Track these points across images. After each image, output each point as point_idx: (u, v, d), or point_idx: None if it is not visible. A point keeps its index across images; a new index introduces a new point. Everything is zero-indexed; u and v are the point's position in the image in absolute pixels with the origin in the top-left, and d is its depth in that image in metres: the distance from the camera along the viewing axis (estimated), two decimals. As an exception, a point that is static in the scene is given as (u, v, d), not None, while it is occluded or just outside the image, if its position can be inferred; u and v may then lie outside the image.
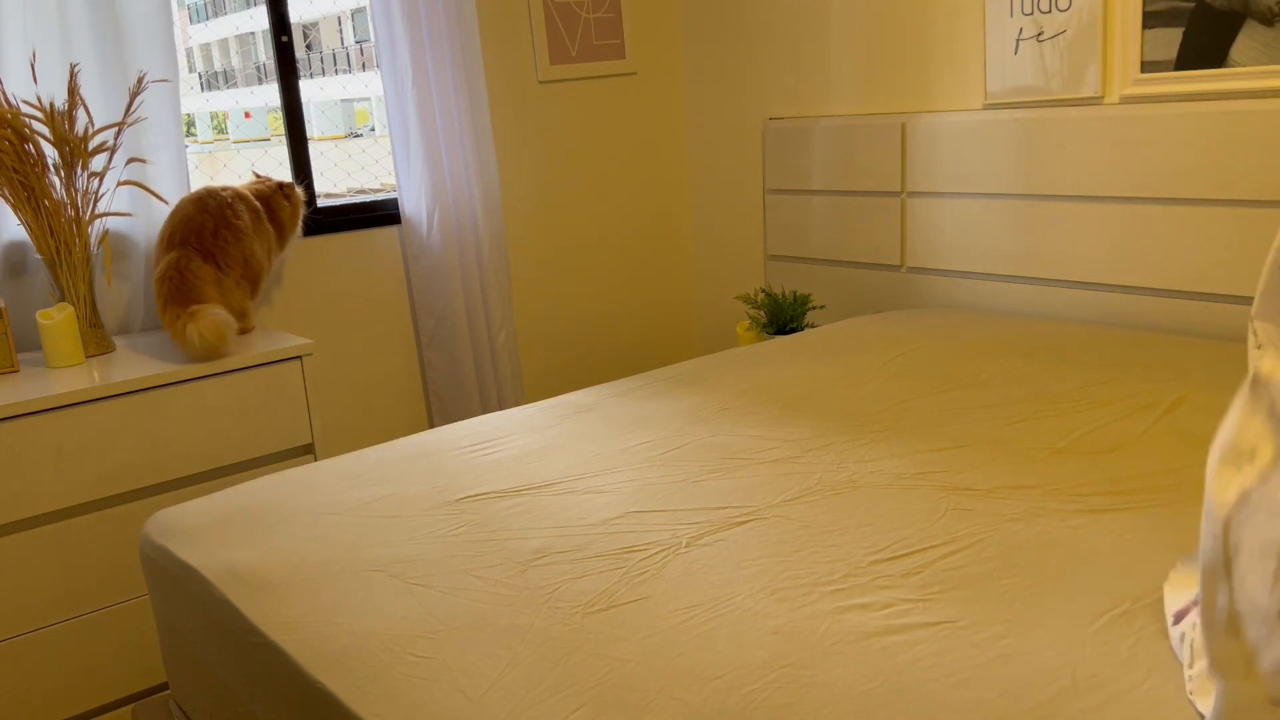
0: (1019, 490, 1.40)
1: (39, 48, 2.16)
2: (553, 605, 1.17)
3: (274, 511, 1.52)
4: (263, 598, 1.26)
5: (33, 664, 1.92)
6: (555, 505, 1.46)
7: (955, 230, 2.60)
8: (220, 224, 2.25)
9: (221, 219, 2.26)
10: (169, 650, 1.54)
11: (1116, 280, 2.31)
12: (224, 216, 2.26)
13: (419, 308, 2.79)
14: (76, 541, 1.94)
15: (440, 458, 1.70)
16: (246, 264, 2.30)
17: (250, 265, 2.32)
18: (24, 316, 2.24)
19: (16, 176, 2.04)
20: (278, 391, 2.15)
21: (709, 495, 1.45)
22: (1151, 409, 1.67)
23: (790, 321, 2.78)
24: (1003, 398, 1.80)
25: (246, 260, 2.30)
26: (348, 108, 3.26)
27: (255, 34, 3.03)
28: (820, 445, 1.63)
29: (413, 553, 1.34)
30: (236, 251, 2.27)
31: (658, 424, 1.79)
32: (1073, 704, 0.92)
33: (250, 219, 2.33)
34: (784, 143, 2.98)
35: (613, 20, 3.12)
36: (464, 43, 2.70)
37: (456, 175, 2.72)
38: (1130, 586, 1.11)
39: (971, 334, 2.25)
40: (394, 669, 1.07)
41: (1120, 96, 2.26)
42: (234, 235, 2.27)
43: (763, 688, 0.98)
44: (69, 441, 1.90)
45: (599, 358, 3.29)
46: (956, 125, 2.54)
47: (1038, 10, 2.35)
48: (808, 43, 2.90)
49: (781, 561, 1.23)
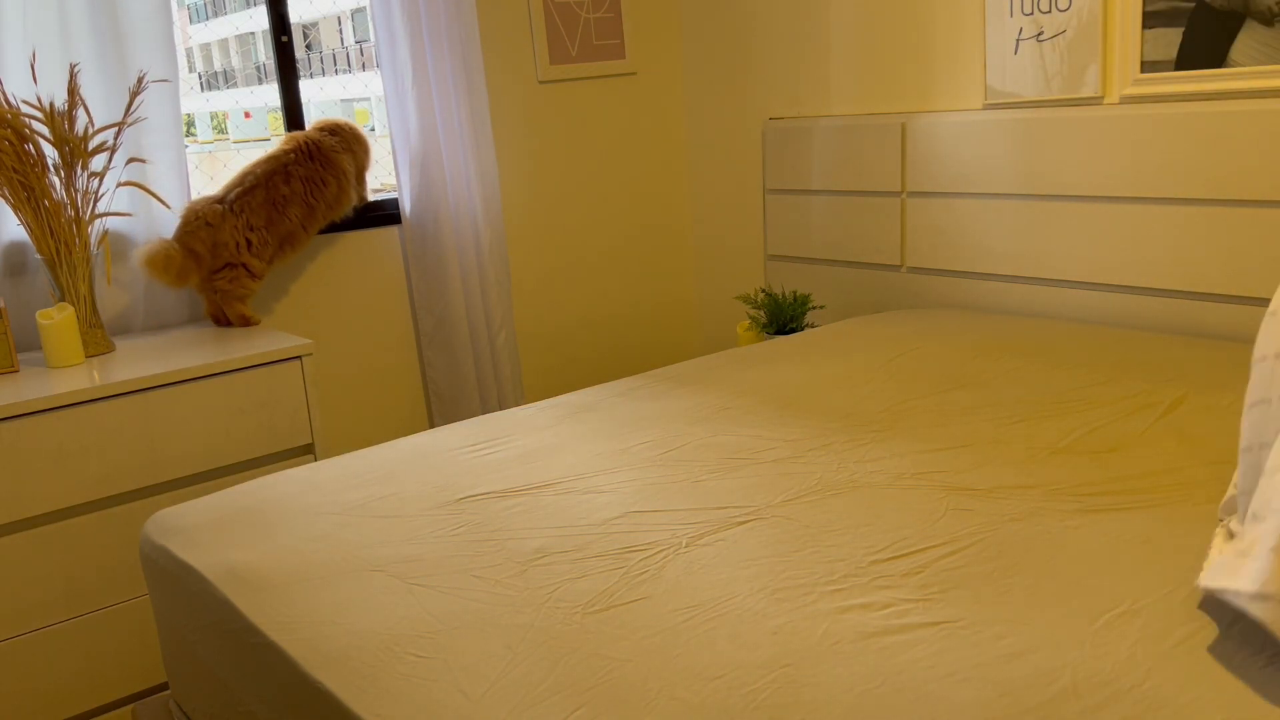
0: (1019, 490, 1.40)
1: (39, 48, 2.16)
2: (553, 605, 1.17)
3: (274, 511, 1.52)
4: (263, 598, 1.26)
5: (33, 664, 1.92)
6: (555, 505, 1.46)
7: (955, 230, 2.60)
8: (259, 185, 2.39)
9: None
10: (169, 650, 1.54)
11: (1116, 280, 2.31)
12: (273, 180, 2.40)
13: (419, 308, 2.79)
14: (76, 541, 1.94)
15: (440, 458, 1.70)
16: (270, 222, 2.38)
17: (276, 225, 2.40)
18: (24, 316, 2.24)
19: (16, 176, 2.04)
20: (278, 391, 2.15)
21: (709, 495, 1.45)
22: (1151, 409, 1.67)
23: (790, 321, 2.78)
24: (1003, 398, 1.80)
25: (271, 219, 2.38)
26: (348, 108, 3.26)
27: (255, 34, 3.04)
28: (820, 445, 1.63)
29: (413, 553, 1.34)
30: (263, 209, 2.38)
31: (658, 424, 1.79)
32: (1073, 704, 0.92)
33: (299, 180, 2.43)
34: (784, 143, 2.98)
35: (613, 20, 3.12)
36: (464, 43, 2.70)
37: (456, 175, 2.72)
38: (1130, 586, 1.11)
39: (971, 334, 2.25)
40: (394, 669, 1.07)
41: (1120, 96, 2.26)
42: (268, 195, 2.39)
43: (763, 688, 0.98)
44: (69, 441, 1.90)
45: (599, 358, 3.29)
46: (956, 125, 2.54)
47: (1038, 10, 2.35)
48: (808, 43, 2.90)
49: (781, 561, 1.23)
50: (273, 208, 2.38)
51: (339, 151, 2.48)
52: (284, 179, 2.40)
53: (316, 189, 2.43)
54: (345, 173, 2.49)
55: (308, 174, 2.42)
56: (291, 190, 2.40)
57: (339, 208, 2.51)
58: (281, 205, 2.39)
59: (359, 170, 2.56)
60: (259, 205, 2.37)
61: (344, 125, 2.54)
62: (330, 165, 2.46)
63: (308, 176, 2.42)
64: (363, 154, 2.57)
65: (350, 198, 2.53)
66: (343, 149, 2.50)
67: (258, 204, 2.37)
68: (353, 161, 2.52)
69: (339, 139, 2.49)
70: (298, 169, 2.41)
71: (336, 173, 2.47)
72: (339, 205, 2.50)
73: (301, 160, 2.43)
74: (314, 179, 2.43)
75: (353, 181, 2.53)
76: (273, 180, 2.39)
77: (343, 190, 2.49)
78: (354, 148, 2.53)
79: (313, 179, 2.43)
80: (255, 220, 2.36)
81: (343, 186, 2.49)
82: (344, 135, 2.51)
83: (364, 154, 2.57)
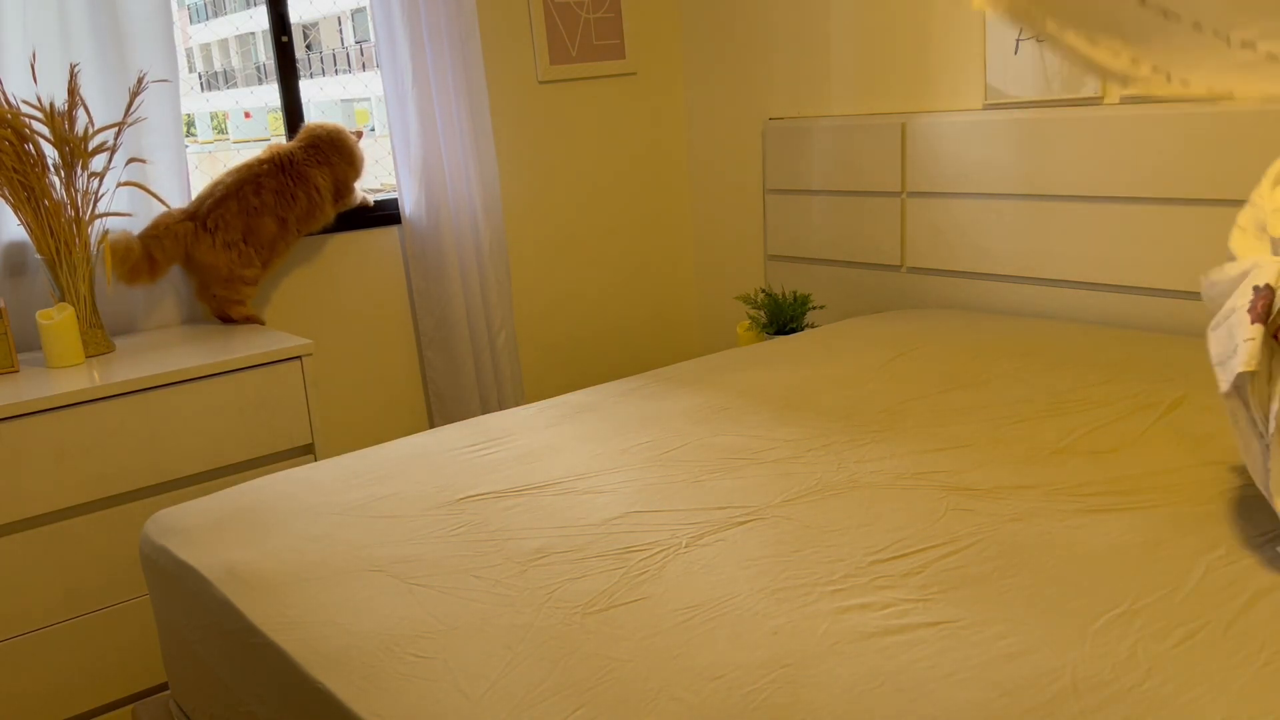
0: (1019, 490, 1.40)
1: (39, 48, 2.16)
2: (553, 605, 1.17)
3: (274, 511, 1.52)
4: (262, 598, 1.26)
5: (33, 664, 1.92)
6: (555, 505, 1.46)
7: (955, 230, 2.60)
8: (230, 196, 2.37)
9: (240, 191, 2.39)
10: (169, 650, 1.54)
11: (1116, 280, 2.31)
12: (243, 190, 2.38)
13: (419, 308, 2.79)
14: (76, 541, 1.94)
15: (440, 458, 1.70)
16: (249, 231, 2.36)
17: (256, 233, 2.37)
18: (24, 316, 2.24)
19: (16, 176, 2.04)
20: (278, 391, 2.15)
21: (709, 495, 1.45)
22: (1151, 409, 1.67)
23: (790, 321, 2.78)
24: (1003, 398, 1.80)
25: (249, 228, 2.36)
26: (348, 108, 3.26)
27: (255, 34, 3.04)
28: (820, 445, 1.63)
29: (413, 553, 1.34)
30: (236, 221, 2.35)
31: (658, 424, 1.79)
32: (1073, 704, 0.92)
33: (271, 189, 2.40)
34: (784, 143, 2.98)
35: (613, 20, 3.12)
36: (464, 43, 2.70)
37: (456, 175, 2.72)
38: (1130, 586, 1.11)
39: (971, 334, 2.25)
40: (394, 669, 1.07)
41: (1120, 96, 2.26)
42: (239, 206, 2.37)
43: (763, 688, 0.98)
44: (69, 441, 1.90)
45: (599, 358, 3.29)
46: (956, 125, 2.54)
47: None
48: (808, 43, 2.90)
49: (781, 561, 1.23)
50: (248, 216, 2.35)
51: (311, 166, 2.44)
52: (254, 190, 2.37)
53: (286, 203, 2.40)
54: (317, 188, 2.44)
55: (278, 186, 2.39)
56: (262, 201, 2.37)
57: (310, 221, 2.47)
58: (255, 214, 2.36)
59: (341, 182, 2.52)
60: (233, 217, 2.33)
61: (326, 136, 2.49)
62: (301, 179, 2.42)
63: (278, 189, 2.39)
64: (344, 165, 2.51)
65: (324, 213, 2.48)
66: (318, 163, 2.45)
67: (232, 216, 2.33)
68: (330, 175, 2.47)
69: (315, 152, 2.45)
70: (269, 180, 2.39)
71: (308, 188, 2.43)
72: (310, 219, 2.46)
73: (273, 172, 2.39)
74: (284, 192, 2.40)
75: (327, 196, 2.47)
76: (243, 191, 2.36)
77: (313, 204, 2.44)
78: (332, 160, 2.48)
79: (283, 192, 2.39)
80: (231, 236, 2.33)
81: (314, 201, 2.44)
82: (322, 148, 2.47)
83: (346, 165, 2.52)
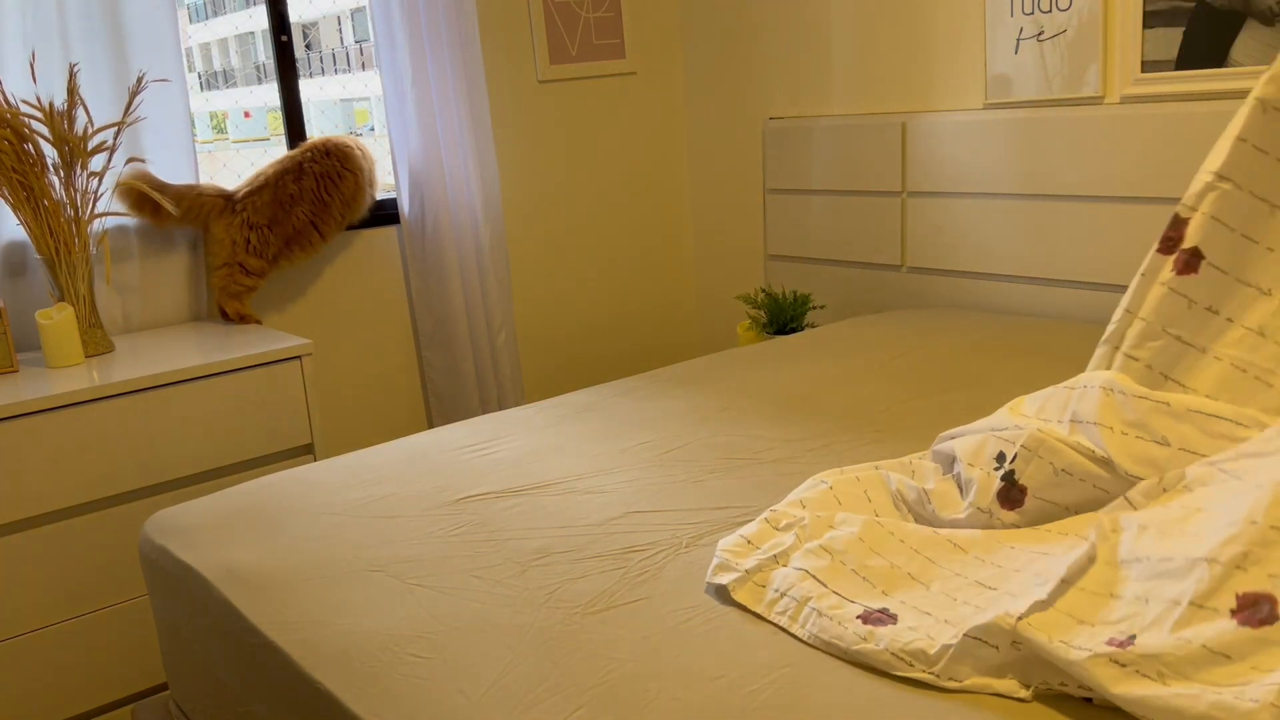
0: (1019, 490, 1.39)
1: (39, 48, 2.16)
2: (553, 605, 1.17)
3: (274, 511, 1.52)
4: (262, 598, 1.26)
5: (33, 664, 1.92)
6: (555, 505, 1.46)
7: (955, 230, 2.60)
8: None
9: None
10: (169, 650, 1.53)
11: (1116, 280, 2.31)
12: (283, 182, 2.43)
13: (419, 308, 2.79)
14: (76, 541, 1.94)
15: (440, 458, 1.70)
16: (275, 220, 2.39)
17: (281, 224, 2.41)
18: (24, 316, 2.24)
19: (16, 176, 2.04)
20: (278, 391, 2.15)
21: (709, 495, 1.45)
22: (1152, 409, 1.67)
23: (790, 321, 2.77)
24: (1003, 398, 1.80)
25: (276, 218, 2.39)
26: (347, 108, 3.26)
27: (255, 34, 3.03)
28: (820, 445, 1.63)
29: (413, 553, 1.34)
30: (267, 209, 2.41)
31: (658, 424, 1.79)
32: (1073, 704, 0.92)
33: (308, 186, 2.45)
34: (784, 143, 2.98)
35: (613, 20, 3.12)
36: (464, 43, 2.70)
37: (456, 175, 2.72)
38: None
39: (971, 334, 2.25)
40: (394, 669, 1.07)
41: (1120, 96, 2.26)
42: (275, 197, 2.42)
43: (763, 688, 0.97)
44: (69, 441, 1.90)
45: (599, 358, 3.29)
46: (956, 125, 2.54)
47: (1038, 10, 2.35)
48: (808, 43, 2.90)
49: (782, 561, 1.23)
50: (279, 207, 2.39)
51: (355, 149, 2.51)
52: (295, 177, 2.41)
53: (331, 184, 2.43)
54: (362, 169, 2.50)
55: (323, 170, 2.43)
56: (301, 188, 2.40)
57: (356, 205, 2.51)
58: (288, 204, 2.40)
59: (351, 198, 2.57)
60: (264, 205, 2.37)
61: (337, 149, 2.55)
62: (348, 160, 2.47)
63: (323, 172, 2.43)
64: (370, 167, 2.61)
65: (367, 196, 2.54)
66: (361, 151, 2.54)
67: (263, 203, 2.37)
68: (354, 182, 2.53)
69: (345, 160, 2.52)
70: (312, 165, 2.43)
71: (354, 167, 2.48)
72: (356, 202, 2.50)
73: (317, 157, 2.44)
74: (330, 174, 2.44)
75: (369, 180, 2.54)
76: (282, 180, 2.40)
77: (359, 187, 2.50)
78: (363, 165, 2.56)
79: (328, 174, 2.43)
80: (257, 219, 2.36)
81: (359, 184, 2.50)
82: (343, 162, 2.54)
83: (371, 167, 2.62)
